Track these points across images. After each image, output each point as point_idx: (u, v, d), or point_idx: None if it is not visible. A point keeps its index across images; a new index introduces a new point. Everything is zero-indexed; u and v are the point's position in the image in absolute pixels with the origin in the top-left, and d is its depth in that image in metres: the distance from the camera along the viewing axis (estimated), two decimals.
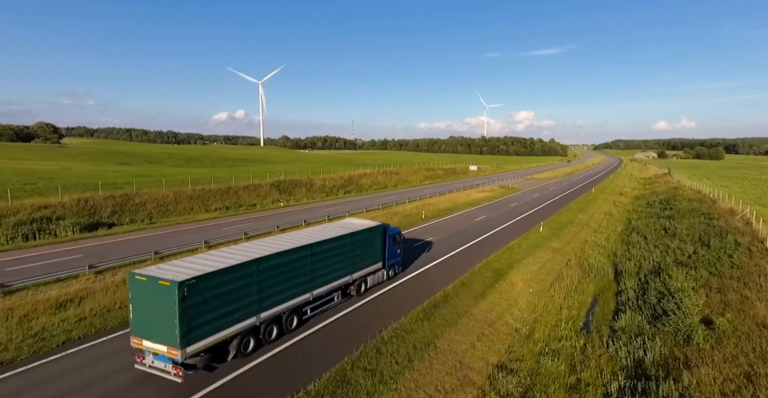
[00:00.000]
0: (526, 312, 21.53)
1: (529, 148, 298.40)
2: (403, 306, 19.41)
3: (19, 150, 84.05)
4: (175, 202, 42.30)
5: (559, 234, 38.06)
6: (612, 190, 74.78)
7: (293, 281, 16.18)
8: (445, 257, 28.02)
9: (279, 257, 15.38)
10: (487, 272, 25.53)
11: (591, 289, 25.63)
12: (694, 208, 43.10)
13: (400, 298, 20.72)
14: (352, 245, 19.48)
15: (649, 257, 29.72)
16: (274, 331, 15.50)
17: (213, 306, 12.87)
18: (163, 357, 12.30)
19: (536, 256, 30.63)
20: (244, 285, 13.98)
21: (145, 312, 12.58)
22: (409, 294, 21.27)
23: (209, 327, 12.85)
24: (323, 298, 18.02)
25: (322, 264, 17.60)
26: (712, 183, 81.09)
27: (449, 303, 20.28)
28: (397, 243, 23.36)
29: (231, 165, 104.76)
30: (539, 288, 24.75)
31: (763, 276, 21.66)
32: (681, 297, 19.84)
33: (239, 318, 13.88)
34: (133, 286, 12.66)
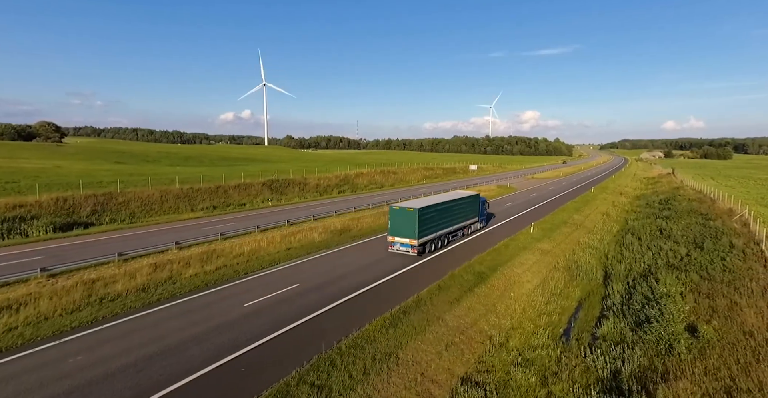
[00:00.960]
0: (504, 318, 20.43)
1: (534, 148, 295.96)
2: (370, 313, 18.32)
3: (16, 148, 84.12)
4: (161, 202, 41.63)
5: (551, 235, 36.87)
6: (612, 190, 73.22)
7: (447, 218, 30.47)
8: (426, 260, 26.96)
9: (443, 204, 30.07)
10: (467, 275, 24.47)
11: (577, 293, 24.47)
12: (693, 209, 41.69)
13: (369, 305, 19.72)
14: (465, 205, 33.67)
15: (641, 259, 28.54)
16: (439, 244, 29.65)
17: (426, 222, 27.06)
18: (406, 245, 26.83)
19: (523, 258, 29.50)
20: (435, 216, 28.43)
21: (397, 224, 26.90)
22: (378, 299, 20.20)
23: (424, 233, 27.07)
24: (455, 232, 32.25)
25: (456, 213, 31.86)
26: (716, 183, 79.28)
27: (421, 308, 19.25)
28: (485, 207, 38.58)
29: (229, 164, 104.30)
30: (521, 292, 23.64)
31: (754, 280, 20.43)
32: (665, 303, 18.68)
33: (432, 231, 28.19)
34: (391, 211, 27.22)
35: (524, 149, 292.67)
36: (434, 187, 75.30)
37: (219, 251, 25.19)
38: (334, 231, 33.12)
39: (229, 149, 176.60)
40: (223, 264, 23.02)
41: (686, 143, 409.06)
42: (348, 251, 28.46)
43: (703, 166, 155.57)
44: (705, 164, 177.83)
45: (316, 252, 27.51)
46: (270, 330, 16.25)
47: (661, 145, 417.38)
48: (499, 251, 30.12)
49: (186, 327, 16.39)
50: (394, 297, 20.21)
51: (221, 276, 21.81)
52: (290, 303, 18.95)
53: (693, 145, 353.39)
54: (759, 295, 18.86)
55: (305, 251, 27.25)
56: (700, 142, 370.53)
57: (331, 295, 20.05)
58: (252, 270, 22.99)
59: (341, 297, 19.84)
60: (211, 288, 20.33)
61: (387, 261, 26.24)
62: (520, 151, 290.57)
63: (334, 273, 23.16)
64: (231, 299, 19.14)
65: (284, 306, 18.46)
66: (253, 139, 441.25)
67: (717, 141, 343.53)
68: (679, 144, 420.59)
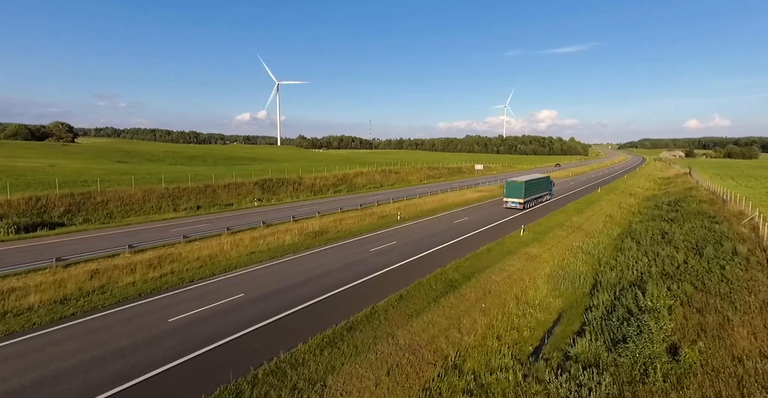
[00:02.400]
0: (469, 333, 18.33)
1: (548, 147, 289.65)
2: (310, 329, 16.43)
3: (23, 148, 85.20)
4: (143, 201, 40.71)
5: (542, 238, 34.53)
6: (622, 191, 69.84)
7: (536, 189, 51.38)
8: (395, 266, 24.97)
9: (534, 180, 51.40)
10: (437, 283, 22.47)
11: (558, 305, 22.20)
12: (701, 211, 38.70)
13: (313, 319, 17.95)
14: (543, 182, 54.14)
15: (636, 266, 26.14)
16: (531, 205, 49.81)
17: (527, 189, 47.33)
18: (515, 203, 47.27)
19: (506, 264, 27.34)
20: (530, 187, 48.65)
21: (510, 190, 47.54)
22: (327, 312, 18.29)
23: (526, 196, 47.23)
24: (538, 198, 52.16)
25: (539, 186, 52.58)
26: (735, 183, 74.98)
27: (372, 323, 17.32)
28: (552, 185, 58.79)
29: (233, 163, 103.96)
30: (495, 303, 21.52)
31: (754, 293, 17.99)
32: (645, 320, 16.45)
33: (528, 196, 47.97)
34: (507, 183, 48.30)
35: (538, 149, 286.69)
36: (436, 187, 73.21)
37: (175, 255, 23.76)
38: (309, 234, 31.51)
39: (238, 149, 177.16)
40: (170, 271, 21.43)
41: (710, 142, 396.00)
42: (317, 255, 26.74)
43: (725, 166, 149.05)
44: (728, 164, 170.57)
45: (282, 256, 25.85)
46: (180, 353, 14.28)
47: (684, 144, 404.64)
48: (479, 256, 28.03)
49: (80, 351, 14.29)
50: (346, 309, 18.33)
51: (162, 284, 20.15)
52: (223, 317, 17.09)
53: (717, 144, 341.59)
54: (756, 311, 16.45)
55: (270, 255, 25.61)
56: (724, 141, 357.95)
57: (274, 308, 18.21)
58: (201, 278, 21.34)
59: (285, 310, 17.95)
60: (144, 298, 18.67)
61: (354, 267, 24.39)
62: (533, 150, 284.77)
63: (289, 281, 21.38)
64: (158, 313, 17.35)
65: (214, 322, 16.55)
66: (267, 139, 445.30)
67: (743, 140, 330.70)
68: (703, 143, 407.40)
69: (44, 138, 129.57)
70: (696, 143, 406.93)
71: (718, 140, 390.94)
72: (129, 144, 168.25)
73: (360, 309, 18.19)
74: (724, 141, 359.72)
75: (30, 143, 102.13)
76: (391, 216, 40.99)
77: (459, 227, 37.31)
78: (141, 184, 47.12)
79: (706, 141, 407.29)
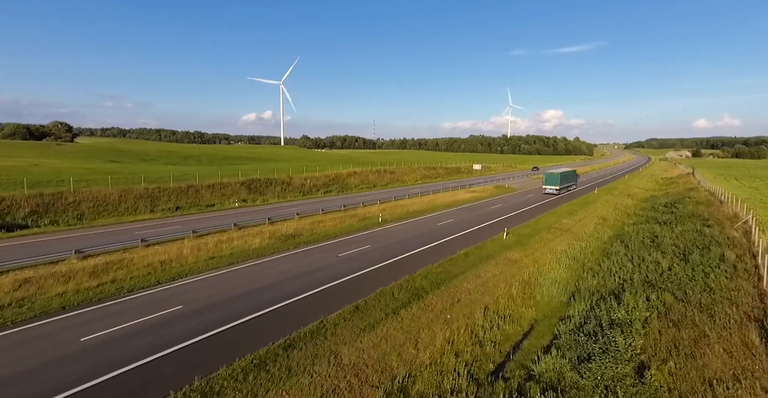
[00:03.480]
0: (426, 349, 16.83)
1: (552, 147, 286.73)
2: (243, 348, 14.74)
3: (14, 147, 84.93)
4: (118, 202, 39.69)
5: (527, 242, 32.99)
6: (620, 191, 67.92)
7: (567, 179, 67.27)
8: (361, 272, 23.41)
9: (565, 172, 67.56)
10: (401, 292, 20.99)
11: (530, 315, 20.68)
12: (696, 213, 36.94)
13: (250, 336, 16.48)
14: (572, 174, 71.16)
15: (619, 273, 24.59)
16: (563, 193, 63.72)
17: (561, 179, 63.32)
18: (552, 190, 62.17)
19: (482, 270, 25.84)
20: (563, 177, 64.43)
21: (548, 180, 63.63)
22: (270, 327, 16.63)
23: (561, 184, 62.96)
24: (567, 187, 66.89)
25: (569, 177, 68.52)
26: (739, 184, 72.76)
27: (315, 340, 15.69)
28: (577, 177, 76.20)
29: (228, 163, 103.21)
30: (461, 314, 20.01)
31: (736, 304, 16.42)
32: (613, 335, 14.97)
33: (562, 184, 63.57)
34: (546, 174, 66.02)
35: (542, 148, 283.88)
36: (430, 187, 71.68)
37: (126, 261, 22.44)
38: (281, 237, 30.21)
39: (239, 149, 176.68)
40: (111, 279, 19.95)
41: (719, 142, 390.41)
42: (281, 261, 25.35)
43: (732, 166, 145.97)
44: (735, 164, 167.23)
45: (243, 262, 24.48)
46: (74, 382, 12.31)
47: (691, 143, 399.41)
48: (454, 261, 26.56)
49: None
50: (291, 324, 16.79)
51: (95, 295, 18.49)
52: (147, 334, 15.30)
53: (726, 144, 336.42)
54: (735, 326, 14.90)
55: (229, 261, 24.22)
56: (733, 141, 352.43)
57: (210, 322, 16.45)
58: (143, 287, 19.78)
59: (220, 326, 16.19)
60: (67, 312, 16.93)
61: (315, 275, 22.89)
62: (537, 150, 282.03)
63: (238, 291, 19.91)
64: (74, 330, 15.45)
65: (134, 341, 14.79)
66: (271, 139, 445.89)
67: (752, 139, 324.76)
68: (711, 143, 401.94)
69: (43, 137, 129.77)
70: (704, 143, 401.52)
71: (727, 140, 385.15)
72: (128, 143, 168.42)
73: (306, 324, 16.64)
74: (733, 141, 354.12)
75: (25, 143, 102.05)
76: (374, 218, 39.63)
77: (442, 230, 35.87)
78: (124, 184, 46.22)
79: (715, 141, 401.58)
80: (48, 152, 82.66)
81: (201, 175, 59.98)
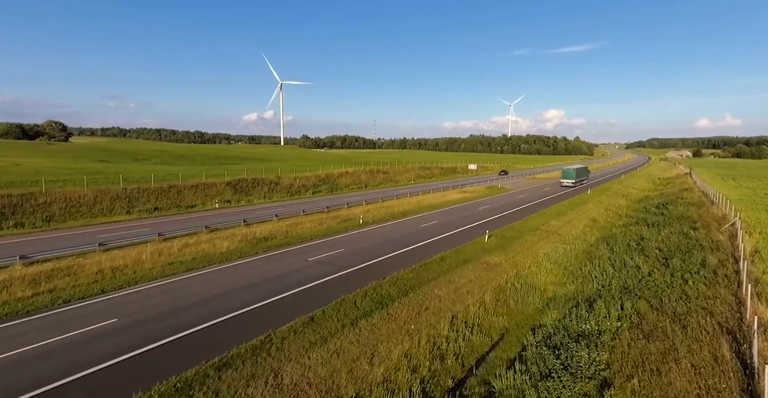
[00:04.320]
0: (382, 364, 15.66)
1: (552, 147, 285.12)
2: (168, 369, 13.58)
3: (5, 147, 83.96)
4: (93, 203, 38.74)
5: (509, 245, 31.92)
6: (615, 192, 66.72)
7: (581, 174, 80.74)
8: (327, 279, 22.25)
9: (580, 168, 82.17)
10: (364, 301, 19.86)
11: (501, 324, 19.53)
12: (685, 215, 35.80)
13: (182, 354, 15.48)
14: (584, 169, 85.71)
15: (599, 278, 23.51)
16: (577, 185, 76.26)
17: (576, 174, 76.42)
18: (568, 184, 74.46)
19: (456, 275, 24.78)
20: (577, 172, 77.33)
21: (565, 174, 75.55)
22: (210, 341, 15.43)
23: (576, 178, 76.16)
24: (580, 182, 78.92)
25: (582, 172, 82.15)
26: (736, 184, 71.38)
27: (256, 357, 14.29)
28: (588, 173, 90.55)
29: (221, 163, 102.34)
30: (427, 324, 18.84)
31: (712, 314, 15.34)
32: (577, 350, 13.92)
33: (577, 178, 77.14)
34: (563, 170, 77.55)
35: (542, 148, 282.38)
36: (422, 187, 70.60)
37: (76, 267, 21.27)
38: (252, 240, 29.19)
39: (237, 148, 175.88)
40: (51, 288, 18.64)
41: (720, 142, 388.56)
42: (244, 266, 24.07)
43: (732, 166, 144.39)
44: (735, 164, 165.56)
45: (204, 267, 23.30)
46: None
47: (693, 143, 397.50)
48: (428, 266, 25.49)
49: None
50: (233, 338, 15.47)
51: (26, 307, 16.96)
52: (66, 353, 13.82)
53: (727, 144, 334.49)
54: (706, 338, 13.81)
55: (190, 266, 23.01)
56: (735, 141, 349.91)
57: (140, 339, 15.01)
58: (83, 297, 18.32)
59: (152, 343, 14.79)
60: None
61: (276, 282, 21.60)
62: (537, 150, 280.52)
63: (189, 301, 18.61)
64: None
65: (48, 361, 13.17)
66: (271, 139, 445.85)
67: (754, 139, 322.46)
68: (713, 142, 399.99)
69: (37, 137, 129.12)
70: (706, 143, 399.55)
71: (728, 140, 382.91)
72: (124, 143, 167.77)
73: (250, 338, 15.36)
74: (735, 140, 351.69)
75: (17, 142, 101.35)
76: (356, 219, 38.59)
77: (423, 232, 34.82)
78: (105, 184, 45.32)
79: (716, 140, 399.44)
80: (37, 151, 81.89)
81: (188, 176, 59.06)
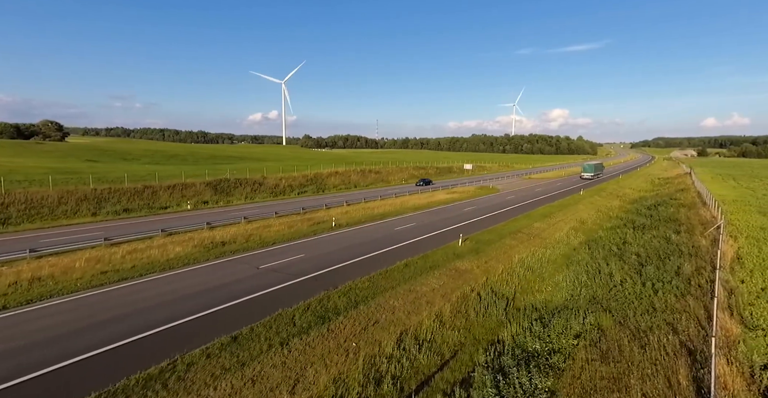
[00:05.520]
0: (302, 394, 13.68)
1: (555, 147, 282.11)
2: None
3: None
4: (57, 204, 37.40)
5: (485, 249, 30.14)
6: (610, 192, 64.62)
7: (598, 169, 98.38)
8: (272, 289, 20.37)
9: (597, 163, 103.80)
10: (305, 315, 17.89)
11: (456, 340, 17.65)
12: (673, 217, 33.86)
13: (53, 389, 13.86)
14: (600, 165, 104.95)
15: (570, 287, 21.74)
16: (594, 178, 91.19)
17: (594, 169, 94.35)
18: (588, 175, 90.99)
19: (419, 283, 23.02)
20: (594, 167, 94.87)
21: (585, 169, 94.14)
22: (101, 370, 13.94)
23: (594, 172, 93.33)
24: (596, 176, 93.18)
25: (599, 168, 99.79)
26: (736, 184, 69.04)
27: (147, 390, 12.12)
28: (603, 168, 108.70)
29: (215, 162, 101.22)
30: (371, 341, 16.99)
31: (677, 332, 13.58)
32: (519, 375, 12.19)
33: (595, 172, 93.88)
34: (584, 164, 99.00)
35: (545, 148, 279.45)
36: (412, 188, 68.84)
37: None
38: (209, 244, 27.56)
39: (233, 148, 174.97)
40: None
41: (727, 141, 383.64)
42: (189, 274, 22.16)
43: (736, 166, 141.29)
44: (740, 163, 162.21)
45: (141, 276, 21.42)
46: None
47: (699, 143, 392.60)
48: (390, 273, 23.72)
49: None
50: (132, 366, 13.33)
51: None
52: None
53: (734, 143, 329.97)
54: (666, 361, 12.06)
55: (123, 276, 21.13)
56: (742, 140, 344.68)
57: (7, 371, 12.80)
58: None
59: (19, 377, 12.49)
60: None
61: (215, 293, 19.65)
62: (540, 149, 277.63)
63: (93, 320, 16.42)
64: None
65: None
66: (274, 139, 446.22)
67: (762, 138, 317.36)
68: (719, 142, 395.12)
69: (32, 137, 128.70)
70: (712, 142, 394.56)
71: (735, 139, 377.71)
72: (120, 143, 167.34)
73: (148, 367, 13.22)
74: (742, 139, 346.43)
75: (7, 141, 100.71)
76: (330, 222, 36.95)
77: (396, 235, 33.13)
78: (78, 184, 44.07)
79: (723, 140, 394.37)
80: (24, 151, 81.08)
81: (170, 175, 57.77)
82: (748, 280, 16.79)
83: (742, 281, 16.69)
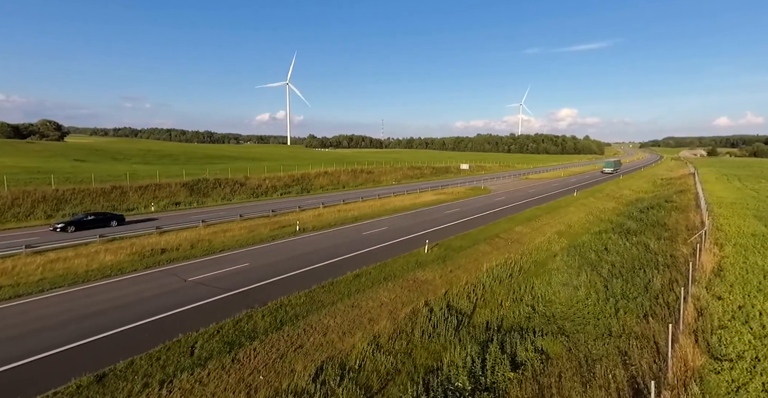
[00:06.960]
0: None
1: (561, 146, 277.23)
2: None
3: None
4: (9, 205, 35.64)
5: (453, 256, 27.68)
6: (607, 193, 61.58)
7: (617, 165, 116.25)
8: (190, 306, 17.96)
9: (616, 160, 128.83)
10: (210, 342, 14.87)
11: (390, 367, 15.04)
12: (663, 221, 31.08)
13: None
14: (618, 162, 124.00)
15: (531, 301, 19.26)
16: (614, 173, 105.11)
17: (613, 165, 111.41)
18: (609, 170, 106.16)
19: (366, 297, 20.57)
20: (612, 164, 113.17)
21: (606, 165, 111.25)
22: None
23: (613, 168, 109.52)
24: (615, 170, 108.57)
25: (617, 164, 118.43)
26: (741, 185, 65.51)
27: None
28: (620, 165, 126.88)
29: (206, 163, 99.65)
30: (287, 372, 14.16)
31: (626, 363, 11.08)
32: None
33: (614, 169, 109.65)
34: (606, 161, 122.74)
35: (550, 147, 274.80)
36: (402, 188, 66.45)
37: None
38: (147, 252, 25.29)
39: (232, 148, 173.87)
40: None
41: (739, 140, 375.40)
42: (103, 288, 19.79)
43: (745, 166, 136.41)
44: (750, 163, 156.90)
45: (41, 292, 18.78)
46: None
47: (710, 142, 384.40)
48: (336, 285, 21.32)
49: None
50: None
51: None
52: None
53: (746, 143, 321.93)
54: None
55: (20, 292, 18.61)
56: (755, 139, 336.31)
57: None
58: None
59: None
60: None
61: (122, 311, 17.26)
62: (545, 149, 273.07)
63: None
64: None
65: None
66: (280, 139, 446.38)
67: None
68: (731, 141, 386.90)
69: (29, 136, 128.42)
70: (724, 141, 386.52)
71: (748, 138, 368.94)
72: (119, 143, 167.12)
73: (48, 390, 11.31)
74: (755, 139, 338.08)
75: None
76: (295, 225, 34.72)
77: (363, 241, 30.78)
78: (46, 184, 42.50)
79: (735, 139, 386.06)
80: (11, 150, 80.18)
81: (145, 176, 56.04)
82: (726, 297, 14.19)
83: (719, 297, 14.08)
